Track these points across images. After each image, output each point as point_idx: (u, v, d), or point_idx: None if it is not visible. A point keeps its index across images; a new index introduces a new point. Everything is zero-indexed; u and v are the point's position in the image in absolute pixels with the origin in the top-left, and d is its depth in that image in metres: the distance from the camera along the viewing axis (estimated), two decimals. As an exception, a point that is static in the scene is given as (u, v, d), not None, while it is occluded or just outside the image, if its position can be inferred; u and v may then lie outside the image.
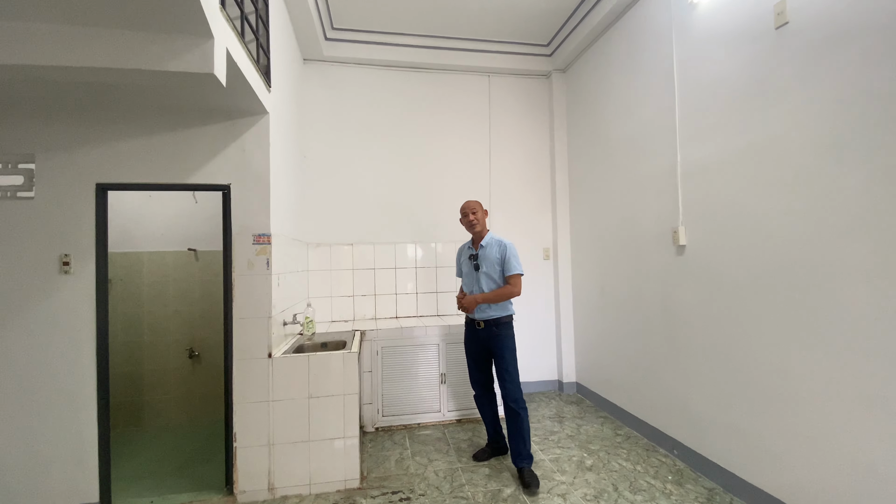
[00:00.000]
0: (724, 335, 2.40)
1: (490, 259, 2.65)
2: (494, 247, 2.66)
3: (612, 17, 3.35)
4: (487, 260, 2.65)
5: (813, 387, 1.94)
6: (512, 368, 2.63)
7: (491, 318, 2.65)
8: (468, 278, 2.77)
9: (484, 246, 2.69)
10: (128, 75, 1.68)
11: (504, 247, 2.64)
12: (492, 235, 2.72)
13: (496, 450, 2.86)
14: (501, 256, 2.63)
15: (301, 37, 3.48)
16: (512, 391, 2.59)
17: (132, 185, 2.37)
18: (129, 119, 2.33)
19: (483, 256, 2.67)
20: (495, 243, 2.67)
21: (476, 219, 2.69)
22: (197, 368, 3.56)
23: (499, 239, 2.69)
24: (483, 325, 2.67)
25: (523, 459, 2.56)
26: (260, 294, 2.43)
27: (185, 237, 3.57)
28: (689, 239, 2.64)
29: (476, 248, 2.74)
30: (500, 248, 2.65)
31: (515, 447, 2.59)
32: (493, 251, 2.66)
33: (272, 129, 2.50)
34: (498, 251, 2.64)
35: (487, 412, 2.86)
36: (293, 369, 2.44)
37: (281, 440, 2.42)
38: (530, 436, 2.66)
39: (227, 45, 1.76)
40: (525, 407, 2.61)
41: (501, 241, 2.67)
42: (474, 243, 2.77)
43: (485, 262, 2.65)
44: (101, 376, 2.33)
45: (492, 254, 2.65)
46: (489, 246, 2.68)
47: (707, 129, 2.50)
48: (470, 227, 2.72)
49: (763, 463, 2.19)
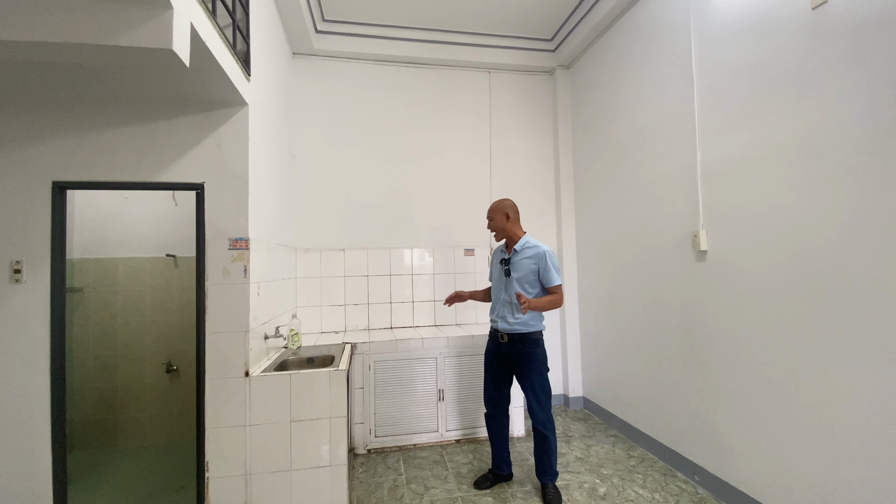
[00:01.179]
0: (754, 350, 2.16)
1: (525, 267, 2.38)
2: (529, 253, 2.40)
3: (620, 7, 3.14)
4: (521, 267, 2.39)
5: (858, 408, 1.70)
6: (540, 391, 2.39)
7: (516, 333, 2.39)
8: (497, 284, 2.54)
9: (518, 251, 2.43)
10: (73, 52, 1.43)
11: (541, 256, 2.37)
12: (528, 240, 2.45)
13: (500, 477, 2.58)
14: (538, 266, 2.37)
15: (290, 29, 3.25)
16: (539, 415, 2.38)
17: (94, 184, 2.12)
18: (90, 109, 2.09)
19: (516, 263, 2.41)
20: (530, 250, 2.41)
21: (494, 227, 2.51)
22: (175, 384, 3.29)
23: (535, 245, 2.42)
24: (507, 339, 2.42)
25: (548, 476, 2.42)
26: (236, 305, 2.17)
27: (164, 242, 3.31)
28: (712, 244, 2.41)
29: (509, 252, 2.48)
30: (536, 256, 2.38)
31: (540, 464, 2.44)
32: (527, 258, 2.39)
33: (252, 122, 2.26)
34: (534, 260, 2.37)
35: (497, 435, 2.57)
36: (273, 389, 2.18)
37: (259, 469, 2.16)
38: (556, 454, 2.49)
39: (192, 20, 1.52)
40: (554, 428, 2.42)
41: (538, 247, 2.40)
42: (508, 247, 2.53)
43: (518, 268, 2.40)
44: (55, 397, 2.06)
45: (526, 261, 2.39)
46: (523, 251, 2.42)
47: (732, 123, 2.27)
48: (492, 232, 2.55)
49: (799, 492, 1.94)
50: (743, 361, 2.22)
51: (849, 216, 1.74)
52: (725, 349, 2.33)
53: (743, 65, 2.20)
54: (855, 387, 1.73)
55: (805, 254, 1.91)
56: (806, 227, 1.90)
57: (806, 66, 1.90)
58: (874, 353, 1.66)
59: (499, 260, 2.54)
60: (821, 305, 1.84)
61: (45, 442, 2.04)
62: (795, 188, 1.94)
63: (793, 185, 1.96)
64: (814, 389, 1.88)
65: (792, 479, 1.98)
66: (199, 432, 2.17)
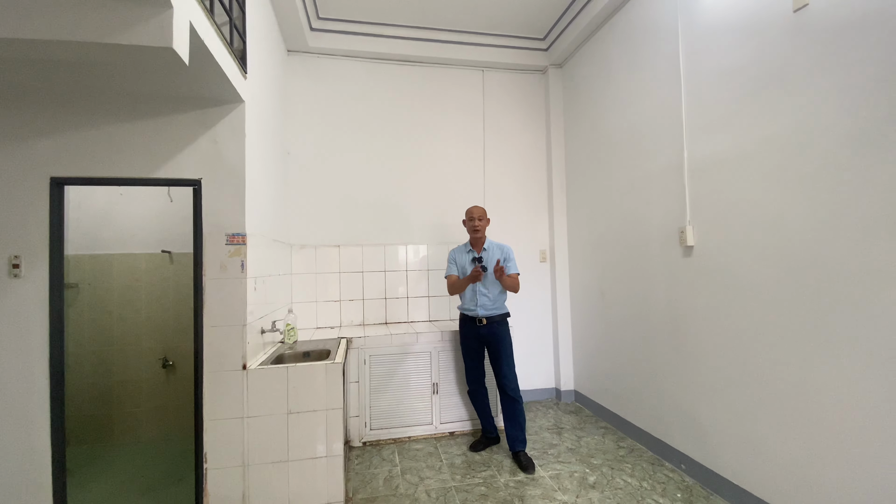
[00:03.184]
0: (738, 342, 2.23)
1: (494, 262, 2.79)
2: (496, 251, 2.88)
3: (611, 7, 3.19)
4: (491, 263, 2.82)
5: (839, 398, 1.77)
6: (512, 362, 2.87)
7: (494, 316, 2.85)
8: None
9: (487, 249, 2.90)
10: (74, 49, 1.46)
11: (506, 251, 2.89)
12: (490, 240, 2.95)
13: (490, 440, 3.03)
14: (504, 259, 2.80)
15: (284, 26, 3.27)
16: (512, 381, 2.83)
17: (92, 180, 2.14)
18: (88, 106, 2.11)
19: (488, 260, 2.85)
20: (496, 247, 2.90)
21: (481, 226, 2.89)
22: (171, 379, 3.32)
23: (498, 244, 2.93)
24: (485, 322, 2.84)
25: (519, 443, 2.80)
26: (234, 299, 2.21)
27: (160, 238, 3.32)
28: (698, 239, 2.48)
29: (478, 251, 2.90)
30: (501, 251, 2.87)
31: (513, 433, 2.81)
32: (495, 254, 2.85)
33: (248, 119, 2.29)
34: (500, 254, 2.84)
35: (482, 405, 3.02)
36: (271, 382, 2.22)
37: (257, 460, 2.20)
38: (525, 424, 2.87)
39: (191, 19, 1.55)
40: (521, 395, 2.86)
41: (501, 245, 2.93)
42: (475, 246, 2.93)
43: (490, 264, 2.82)
44: (54, 391, 2.09)
45: (494, 257, 2.83)
46: (491, 250, 2.90)
47: (718, 122, 2.34)
48: (474, 231, 2.89)
49: (783, 480, 2.02)
50: (727, 354, 2.30)
51: (827, 213, 1.81)
52: (711, 342, 2.40)
53: (728, 65, 2.26)
54: (832, 377, 1.80)
55: (786, 249, 1.98)
56: (787, 223, 1.97)
57: (787, 67, 1.97)
58: (850, 344, 1.73)
59: (469, 259, 2.91)
60: (801, 299, 1.92)
61: (44, 435, 2.07)
62: (777, 186, 2.01)
63: (775, 182, 2.03)
64: (794, 380, 1.96)
65: (774, 467, 2.06)
66: (197, 425, 2.21)
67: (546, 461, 2.80)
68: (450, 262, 3.00)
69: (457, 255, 2.99)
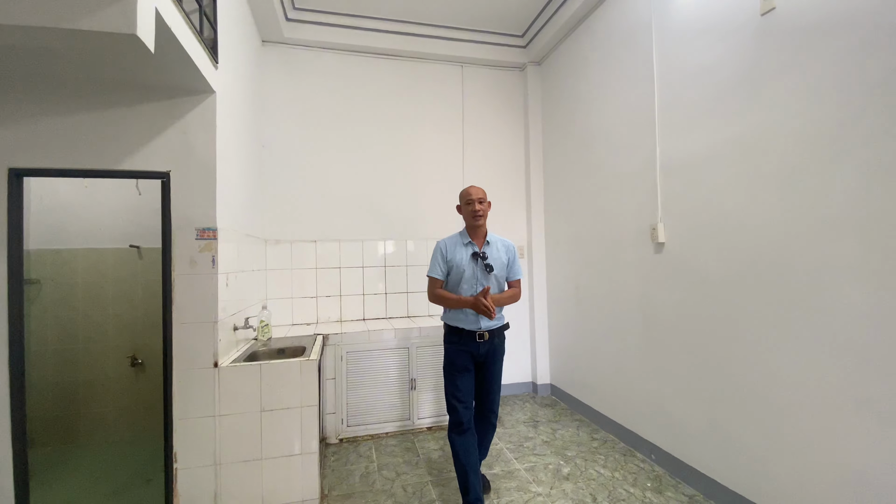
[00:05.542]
0: (704, 336, 2.31)
1: (499, 260, 2.27)
2: (501, 247, 2.32)
3: (588, 6, 3.23)
4: (496, 261, 2.26)
5: (798, 389, 1.85)
6: (500, 382, 2.37)
7: (496, 328, 2.27)
8: (471, 281, 2.23)
9: (490, 243, 2.29)
10: (32, 35, 1.39)
11: (511, 248, 2.35)
12: (493, 234, 2.35)
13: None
14: (509, 259, 2.32)
15: (259, 16, 3.20)
16: (497, 406, 2.37)
17: (53, 171, 2.05)
18: (50, 94, 2.01)
19: (492, 256, 2.26)
20: (500, 244, 2.33)
21: (483, 209, 2.25)
22: (140, 377, 3.22)
23: (503, 238, 2.38)
24: (487, 336, 2.22)
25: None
26: (204, 296, 2.16)
27: (128, 233, 3.21)
28: (669, 236, 2.54)
29: (479, 244, 2.28)
30: (507, 249, 2.33)
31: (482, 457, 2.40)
32: (500, 251, 2.30)
33: (219, 110, 2.23)
34: (506, 253, 2.31)
35: (475, 452, 2.19)
36: (243, 380, 2.18)
37: (229, 459, 2.16)
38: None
39: (157, 5, 1.50)
40: None
41: (506, 241, 2.37)
42: (475, 238, 2.29)
43: (496, 263, 2.25)
44: (14, 391, 2.01)
45: (500, 255, 2.29)
46: (495, 245, 2.31)
47: (688, 122, 2.40)
48: (474, 217, 2.24)
49: (745, 469, 2.10)
50: (695, 347, 2.37)
51: (786, 212, 1.88)
52: (680, 336, 2.47)
53: (698, 67, 2.32)
54: (791, 370, 1.88)
55: (750, 247, 2.05)
56: (750, 221, 2.04)
57: (754, 69, 2.03)
58: (811, 337, 1.80)
59: (467, 253, 2.25)
60: (763, 294, 1.99)
61: (4, 437, 1.98)
62: (742, 185, 2.08)
63: (739, 182, 2.09)
64: (756, 372, 2.03)
65: (737, 456, 2.14)
66: (167, 424, 2.16)
67: (522, 454, 2.83)
68: (435, 260, 2.28)
69: (448, 249, 2.27)
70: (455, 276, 2.26)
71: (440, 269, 2.27)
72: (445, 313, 2.33)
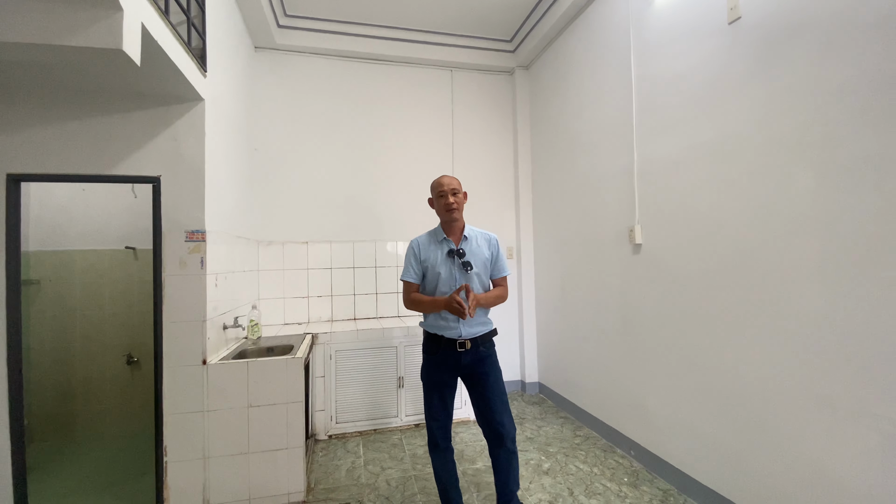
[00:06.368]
0: (679, 334, 2.38)
1: (480, 256, 2.05)
2: (481, 241, 2.10)
3: (571, 13, 3.30)
4: (476, 257, 2.04)
5: (766, 386, 1.92)
6: (505, 397, 2.05)
7: (480, 336, 2.02)
8: (448, 282, 2.03)
9: (468, 238, 2.08)
10: (25, 51, 1.48)
11: (494, 242, 2.13)
12: (471, 227, 2.14)
13: None
14: (492, 254, 2.10)
15: (250, 23, 3.29)
16: (510, 429, 2.00)
17: (49, 177, 2.15)
18: (45, 102, 2.10)
19: (471, 252, 2.04)
20: (481, 237, 2.12)
21: (457, 201, 2.04)
22: (136, 375, 3.32)
23: (483, 232, 2.15)
24: (469, 345, 2.00)
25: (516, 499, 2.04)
26: (193, 295, 2.24)
27: (124, 234, 3.31)
28: (645, 237, 2.61)
29: (456, 240, 2.08)
30: (489, 243, 2.11)
31: (514, 488, 2.02)
32: (480, 246, 2.08)
33: (209, 116, 2.32)
34: (488, 247, 2.09)
35: (452, 470, 2.08)
36: (231, 377, 2.27)
37: (217, 453, 2.25)
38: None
39: (143, 20, 1.58)
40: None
41: (487, 234, 2.15)
42: (451, 234, 2.09)
43: (475, 259, 2.03)
44: (12, 388, 2.10)
45: (480, 250, 2.07)
46: (474, 239, 2.09)
47: (663, 126, 2.47)
48: (447, 211, 2.04)
49: (717, 464, 2.17)
50: (672, 346, 2.44)
51: (752, 215, 1.95)
52: (656, 335, 2.54)
53: (672, 74, 2.39)
54: (760, 368, 1.94)
55: (720, 248, 2.12)
56: (721, 223, 2.11)
57: (722, 76, 2.10)
58: (777, 335, 1.87)
59: (442, 251, 2.05)
60: (732, 294, 2.06)
61: (3, 433, 2.07)
62: (712, 188, 2.15)
63: (710, 185, 2.16)
64: (728, 370, 2.10)
65: (710, 451, 2.21)
66: (158, 419, 2.24)
67: (505, 450, 2.91)
68: (408, 261, 2.10)
69: (422, 248, 2.09)
70: (431, 278, 2.06)
71: (413, 272, 2.08)
72: (425, 319, 2.11)
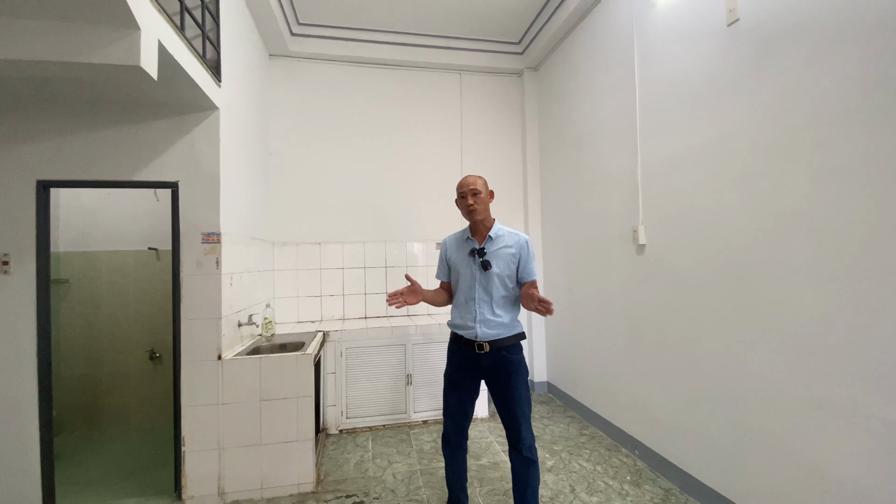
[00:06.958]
0: (682, 335, 2.39)
1: (504, 257, 1.95)
2: (509, 241, 1.98)
3: (577, 15, 3.33)
4: (500, 258, 1.95)
5: (765, 387, 1.93)
6: (528, 408, 1.96)
7: (501, 339, 1.94)
8: (467, 281, 2.00)
9: (493, 238, 1.99)
10: (50, 68, 1.61)
11: (523, 244, 1.98)
12: (501, 226, 2.04)
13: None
14: (519, 255, 1.96)
15: (265, 32, 3.41)
16: (528, 438, 1.94)
17: (75, 182, 2.30)
18: (71, 113, 2.25)
19: (494, 253, 1.96)
20: (509, 236, 2.00)
21: (477, 202, 1.97)
22: (158, 370, 3.48)
23: (513, 231, 2.03)
24: (488, 348, 1.94)
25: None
26: (209, 294, 2.36)
27: (147, 236, 3.48)
28: (649, 238, 2.63)
29: (480, 240, 2.02)
30: (517, 244, 1.97)
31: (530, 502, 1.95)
32: (507, 247, 1.96)
33: (223, 124, 2.44)
34: (515, 248, 1.96)
35: (461, 470, 2.12)
36: (244, 371, 2.38)
37: (231, 444, 2.37)
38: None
39: (160, 37, 1.70)
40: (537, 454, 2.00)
41: (517, 234, 2.01)
42: (476, 234, 2.05)
43: (497, 260, 1.95)
44: (42, 380, 2.25)
45: (506, 250, 1.96)
46: (500, 239, 1.99)
47: (665, 127, 2.48)
48: (468, 213, 1.99)
49: (718, 464, 2.18)
50: (674, 346, 2.45)
51: (749, 216, 1.96)
52: (661, 334, 2.56)
53: (673, 75, 2.41)
54: (759, 366, 1.95)
55: (720, 248, 2.13)
56: (720, 224, 2.12)
57: (721, 77, 2.11)
58: (775, 335, 1.88)
59: (466, 251, 2.02)
60: (732, 295, 2.07)
61: (32, 424, 2.22)
62: (712, 190, 2.16)
63: (712, 185, 2.17)
64: (727, 370, 2.11)
65: (710, 451, 2.22)
66: (176, 411, 2.37)
67: (510, 447, 2.96)
68: (439, 260, 2.16)
69: (448, 248, 2.11)
70: (454, 277, 2.07)
71: (442, 270, 2.14)
72: (451, 318, 2.10)
